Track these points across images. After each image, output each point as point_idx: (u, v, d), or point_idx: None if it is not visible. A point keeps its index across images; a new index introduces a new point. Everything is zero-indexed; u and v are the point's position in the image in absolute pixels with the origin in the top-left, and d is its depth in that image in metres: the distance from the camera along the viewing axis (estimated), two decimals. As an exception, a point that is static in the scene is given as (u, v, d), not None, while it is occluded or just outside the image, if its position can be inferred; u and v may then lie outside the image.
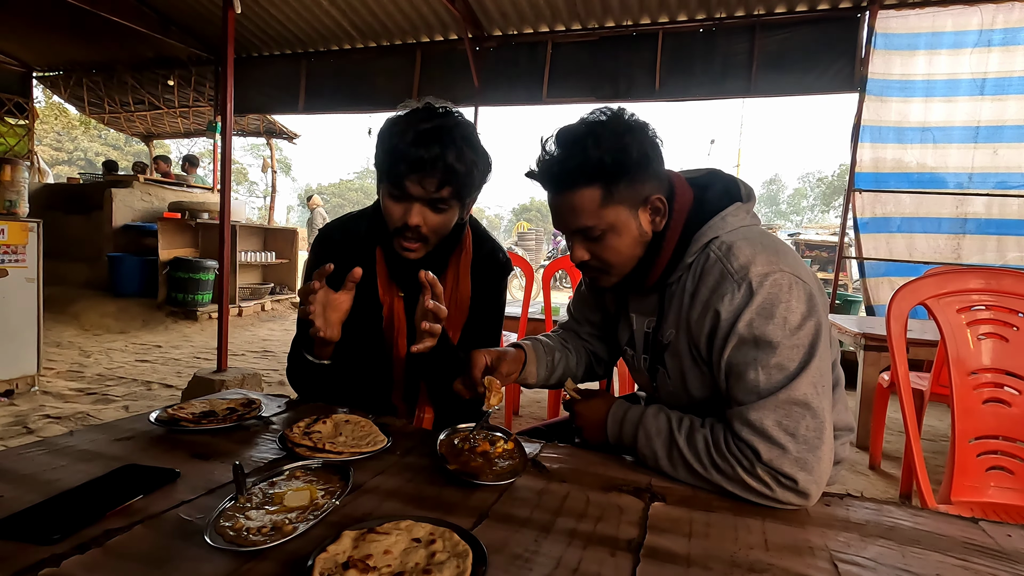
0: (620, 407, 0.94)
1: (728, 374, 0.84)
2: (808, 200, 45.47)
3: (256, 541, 0.56)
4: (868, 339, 2.56)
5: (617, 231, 0.91)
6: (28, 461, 0.77)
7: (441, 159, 0.97)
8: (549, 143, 0.91)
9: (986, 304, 1.28)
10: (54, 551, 0.55)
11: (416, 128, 0.98)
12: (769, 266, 0.84)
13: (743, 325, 0.82)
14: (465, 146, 1.00)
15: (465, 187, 1.03)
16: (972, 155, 4.11)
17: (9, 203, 3.03)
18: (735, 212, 0.93)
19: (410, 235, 1.04)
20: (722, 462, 0.79)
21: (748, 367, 0.81)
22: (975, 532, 0.71)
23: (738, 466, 0.77)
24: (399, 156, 0.97)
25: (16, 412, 2.92)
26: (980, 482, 1.21)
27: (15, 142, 7.78)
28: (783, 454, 0.75)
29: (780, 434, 0.76)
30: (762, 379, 0.80)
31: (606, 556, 0.60)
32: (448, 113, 1.03)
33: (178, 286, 5.72)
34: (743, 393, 0.81)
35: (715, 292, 0.86)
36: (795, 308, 0.82)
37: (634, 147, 0.87)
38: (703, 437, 0.82)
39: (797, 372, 0.79)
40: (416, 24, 5.53)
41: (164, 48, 6.65)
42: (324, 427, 0.90)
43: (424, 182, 0.99)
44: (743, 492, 0.78)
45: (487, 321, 1.20)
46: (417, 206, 1.01)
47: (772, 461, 0.75)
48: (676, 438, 0.84)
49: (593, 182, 0.88)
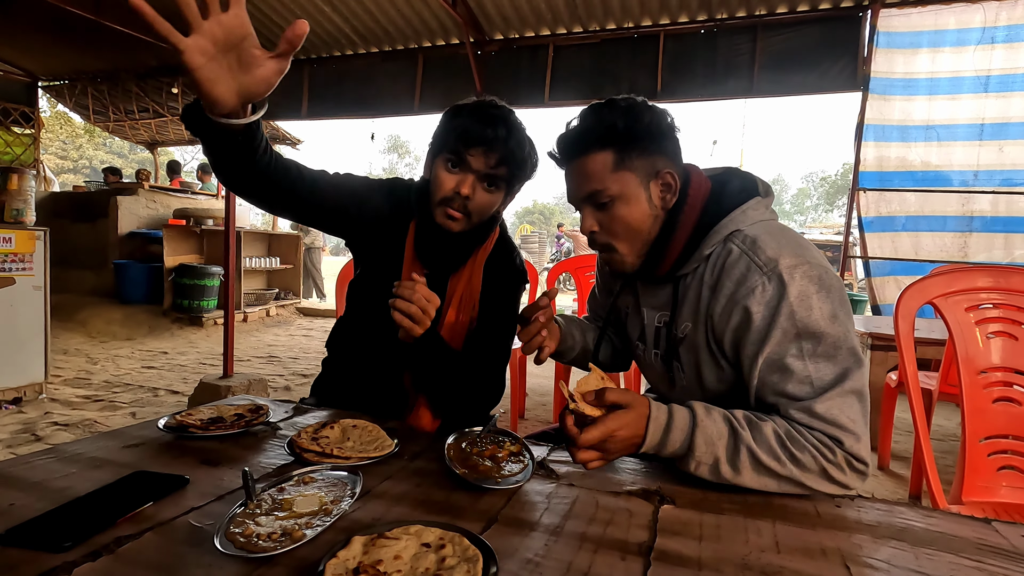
0: (661, 411, 0.81)
1: (771, 368, 0.84)
2: (812, 200, 45.34)
3: (266, 547, 0.57)
4: (875, 338, 2.55)
5: (626, 199, 0.92)
6: (38, 469, 0.77)
7: (505, 140, 1.05)
8: (572, 122, 0.96)
9: (994, 302, 1.27)
10: (66, 559, 0.55)
11: (486, 111, 1.06)
12: (796, 258, 0.85)
13: (784, 318, 0.83)
14: (524, 138, 1.09)
15: (517, 173, 1.10)
16: (977, 152, 4.09)
17: (16, 212, 3.05)
18: (755, 206, 0.94)
19: (457, 205, 1.07)
20: (802, 454, 0.77)
21: (794, 359, 0.82)
22: (988, 533, 0.70)
23: (821, 457, 0.78)
24: (467, 128, 1.04)
25: (24, 419, 2.94)
26: (991, 482, 1.20)
27: (21, 151, 7.83)
28: (858, 440, 0.79)
29: (850, 422, 0.79)
30: (812, 370, 0.81)
31: (617, 560, 0.60)
32: (512, 111, 1.11)
33: (183, 292, 5.74)
34: (795, 385, 0.82)
35: (742, 285, 0.86)
36: (827, 300, 0.83)
37: (649, 116, 0.91)
38: (773, 431, 0.79)
39: (851, 362, 0.81)
40: (418, 29, 5.55)
41: (168, 56, 6.69)
42: (332, 432, 0.90)
43: (487, 155, 1.05)
44: (819, 481, 0.78)
45: (498, 325, 1.19)
46: (472, 178, 1.06)
47: (852, 447, 0.78)
48: (742, 435, 0.79)
49: (606, 146, 0.91)
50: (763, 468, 0.78)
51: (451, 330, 1.15)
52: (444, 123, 1.10)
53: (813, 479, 0.78)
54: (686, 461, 0.80)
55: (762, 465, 0.78)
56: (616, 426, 0.78)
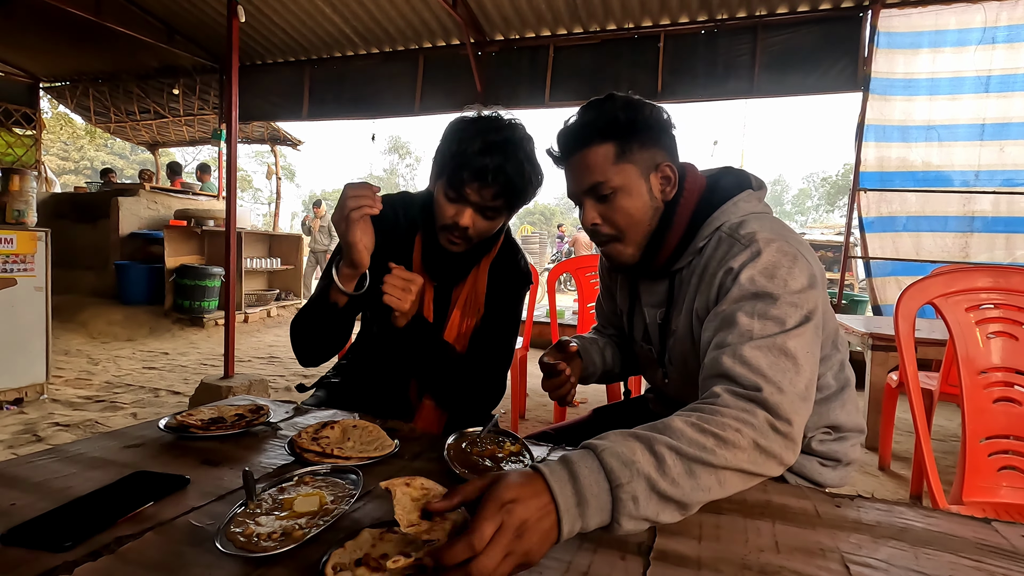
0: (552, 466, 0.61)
1: (722, 324, 0.82)
2: (812, 200, 45.31)
3: (267, 547, 0.57)
4: (875, 339, 2.55)
5: (627, 191, 0.93)
6: (39, 469, 0.77)
7: (503, 172, 1.01)
8: (571, 119, 0.96)
9: (995, 303, 1.27)
10: (66, 558, 0.55)
11: (484, 137, 1.01)
12: (776, 235, 0.86)
13: (745, 278, 0.83)
14: (526, 162, 1.04)
15: (518, 200, 1.08)
16: (978, 153, 4.08)
17: (17, 213, 3.06)
18: (747, 198, 0.95)
19: (457, 234, 1.07)
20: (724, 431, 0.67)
21: (744, 315, 0.80)
22: (988, 533, 0.70)
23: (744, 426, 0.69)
24: (463, 161, 1.01)
25: (26, 420, 2.94)
26: (992, 482, 1.20)
27: (23, 152, 7.84)
28: (780, 392, 0.72)
29: (775, 373, 0.73)
30: (757, 327, 0.78)
31: (616, 560, 0.60)
32: (515, 126, 1.06)
33: (184, 293, 5.75)
34: (734, 336, 0.79)
35: (724, 259, 0.88)
36: (796, 276, 0.83)
37: (649, 110, 0.93)
38: (682, 420, 0.68)
39: (792, 328, 0.78)
40: (418, 30, 5.55)
41: (169, 57, 6.71)
42: (332, 432, 0.90)
43: (482, 191, 1.02)
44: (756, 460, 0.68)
45: (500, 326, 1.20)
46: (470, 210, 1.05)
47: (772, 397, 0.71)
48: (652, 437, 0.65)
49: (607, 138, 0.91)
50: (696, 464, 0.65)
51: (458, 334, 1.16)
52: (446, 142, 1.06)
53: (748, 458, 0.68)
54: (619, 504, 0.60)
55: (693, 460, 0.65)
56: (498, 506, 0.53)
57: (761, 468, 0.70)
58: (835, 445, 0.99)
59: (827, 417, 0.98)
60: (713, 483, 0.66)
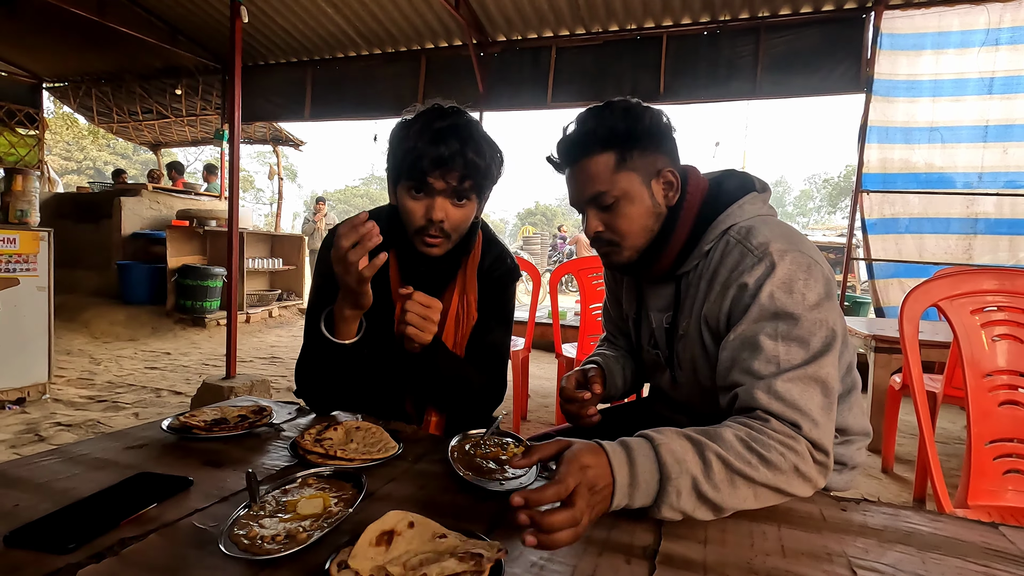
0: (613, 446, 0.70)
1: (743, 345, 0.82)
2: (814, 201, 45.26)
3: (271, 550, 0.56)
4: (879, 341, 2.54)
5: (630, 199, 0.93)
6: (42, 470, 0.77)
7: (461, 154, 0.99)
8: (570, 126, 0.95)
9: (1000, 305, 1.27)
10: (69, 560, 0.55)
11: (432, 127, 1.00)
12: (788, 245, 0.86)
13: (764, 296, 0.82)
14: (482, 141, 1.03)
15: (485, 180, 1.05)
16: (981, 154, 4.07)
17: (20, 213, 3.06)
18: (752, 201, 0.95)
19: (434, 231, 1.04)
20: (769, 453, 0.71)
21: (767, 338, 0.80)
22: (995, 537, 0.70)
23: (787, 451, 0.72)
24: (420, 153, 0.99)
25: (28, 420, 2.95)
26: (998, 486, 1.19)
27: (26, 152, 7.87)
28: (816, 426, 0.75)
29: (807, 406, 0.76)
30: (782, 351, 0.79)
31: (621, 563, 0.60)
32: (459, 111, 1.05)
33: (186, 293, 5.75)
34: (761, 363, 0.79)
35: (736, 269, 0.87)
36: (813, 287, 0.83)
37: (648, 117, 0.92)
38: (733, 435, 0.72)
39: (822, 350, 0.80)
40: (421, 31, 5.56)
41: (171, 58, 6.72)
42: (335, 434, 0.90)
43: (447, 176, 1.00)
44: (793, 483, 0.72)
45: (496, 327, 1.20)
46: (439, 200, 1.02)
47: (810, 433, 0.74)
48: (705, 444, 0.70)
49: (607, 147, 0.91)
50: (738, 476, 0.69)
51: (454, 343, 1.15)
52: (395, 146, 1.04)
53: (786, 480, 0.72)
54: (664, 494, 0.67)
55: (736, 472, 0.69)
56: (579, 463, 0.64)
57: (796, 490, 0.74)
58: (841, 448, 0.99)
59: None
60: (749, 496, 0.71)
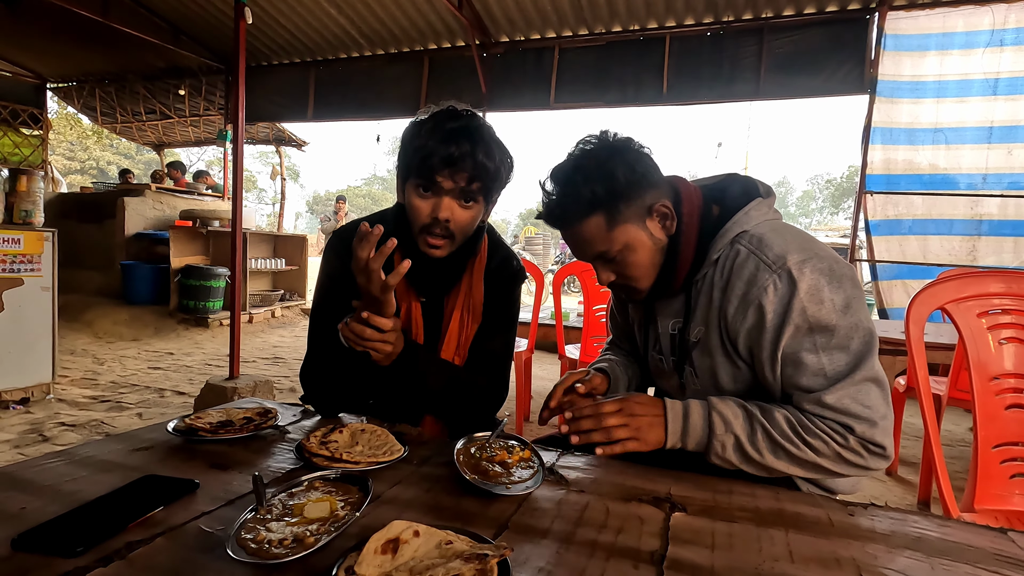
0: (674, 403, 0.89)
1: (785, 363, 0.86)
2: (817, 202, 45.15)
3: (278, 554, 0.56)
4: (883, 343, 2.53)
5: (632, 247, 0.94)
6: (48, 472, 0.77)
7: (471, 155, 0.99)
8: (546, 184, 0.96)
9: (1007, 308, 1.26)
10: (77, 563, 0.55)
11: (445, 127, 1.00)
12: (804, 253, 0.86)
13: (796, 314, 0.84)
14: (492, 144, 1.03)
15: (493, 184, 1.05)
16: (986, 155, 4.06)
17: (25, 213, 3.07)
18: (757, 207, 0.95)
19: (438, 231, 1.04)
20: (814, 439, 0.81)
21: (808, 353, 0.84)
22: (1004, 543, 0.69)
23: (832, 442, 0.81)
24: (430, 151, 0.99)
25: (32, 420, 2.95)
26: (1005, 490, 1.19)
27: (30, 152, 7.89)
28: (872, 427, 0.81)
29: (863, 409, 0.81)
30: (826, 362, 0.83)
31: (629, 568, 0.59)
32: (472, 114, 1.05)
33: (190, 293, 5.76)
34: (808, 378, 0.84)
35: (754, 285, 0.88)
36: (839, 290, 0.85)
37: (620, 169, 0.91)
38: (784, 417, 0.83)
39: (864, 350, 0.83)
40: (424, 31, 5.56)
41: (175, 58, 6.74)
42: (340, 436, 0.90)
43: (456, 176, 1.00)
44: (837, 466, 0.82)
45: (500, 329, 1.19)
46: (447, 200, 1.02)
47: (864, 433, 0.81)
48: (757, 416, 0.84)
49: (593, 212, 0.92)
50: (780, 449, 0.82)
51: (457, 345, 1.14)
52: (406, 144, 1.04)
53: (829, 461, 0.82)
54: (711, 446, 0.85)
55: (779, 446, 0.82)
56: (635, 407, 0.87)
57: (840, 469, 0.83)
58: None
59: None
60: (790, 465, 0.84)
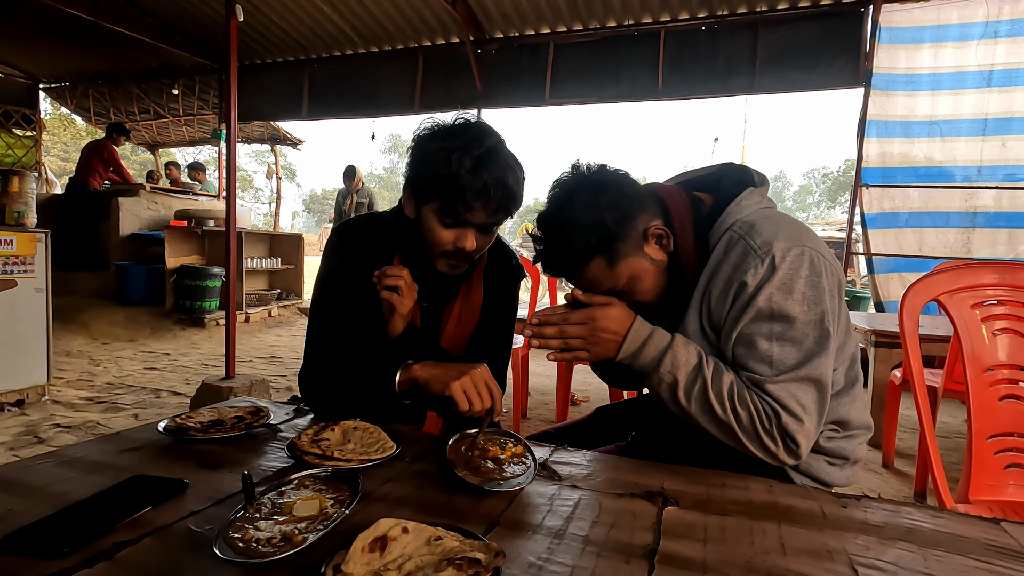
0: (645, 325, 0.91)
1: (739, 342, 0.88)
2: (814, 196, 45.26)
3: (266, 552, 0.56)
4: (879, 336, 2.54)
5: (638, 276, 0.96)
6: (37, 473, 0.76)
7: (502, 184, 0.95)
8: (536, 233, 0.98)
9: (1000, 299, 1.26)
10: (63, 565, 0.55)
11: (471, 153, 0.94)
12: (791, 241, 0.87)
13: (763, 299, 0.85)
14: (515, 165, 1.00)
15: (513, 207, 1.02)
16: (980, 148, 4.07)
17: (17, 214, 3.05)
18: (749, 196, 0.96)
19: (461, 257, 1.02)
20: (743, 411, 0.83)
21: (762, 339, 0.85)
22: (997, 533, 0.69)
23: (758, 421, 0.83)
24: (461, 185, 0.93)
25: (27, 422, 2.94)
26: (999, 480, 1.19)
27: (23, 153, 7.85)
28: (798, 424, 0.82)
29: (796, 406, 0.83)
30: (776, 351, 0.85)
31: (620, 563, 0.59)
32: (492, 131, 1.00)
33: (185, 294, 5.74)
34: (755, 363, 0.86)
35: (739, 268, 0.89)
36: (814, 284, 0.85)
37: (607, 213, 0.92)
38: (730, 381, 0.85)
39: (816, 350, 0.84)
40: (418, 28, 5.54)
41: (168, 57, 6.70)
42: (332, 434, 0.89)
43: (485, 208, 0.97)
44: (750, 442, 0.84)
45: (498, 327, 1.19)
46: (473, 232, 1.00)
47: (788, 426, 0.82)
48: (704, 371, 0.86)
49: (592, 258, 0.94)
50: (707, 406, 0.85)
51: (455, 343, 1.14)
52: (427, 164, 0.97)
53: (745, 436, 0.84)
54: (651, 376, 0.89)
55: (708, 403, 0.85)
56: (601, 313, 0.90)
57: (752, 446, 0.85)
58: (843, 442, 0.98)
59: (836, 412, 0.97)
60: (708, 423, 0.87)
